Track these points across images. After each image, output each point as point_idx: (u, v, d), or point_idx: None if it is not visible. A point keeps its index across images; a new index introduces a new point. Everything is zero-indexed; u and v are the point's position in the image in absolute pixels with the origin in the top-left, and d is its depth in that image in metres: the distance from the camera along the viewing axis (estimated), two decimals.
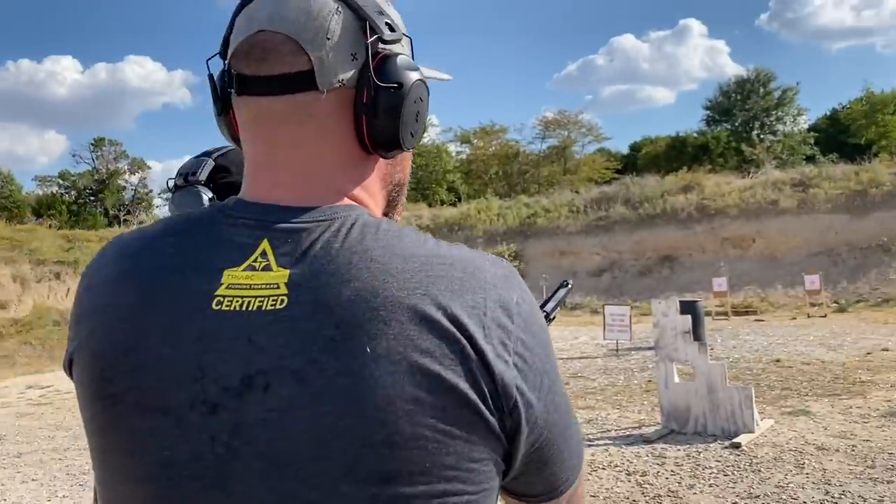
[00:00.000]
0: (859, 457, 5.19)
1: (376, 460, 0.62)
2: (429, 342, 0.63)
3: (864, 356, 10.33)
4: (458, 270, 0.68)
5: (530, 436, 0.68)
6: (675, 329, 6.45)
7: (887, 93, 41.04)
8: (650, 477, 5.06)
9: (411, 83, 0.74)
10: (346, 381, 0.62)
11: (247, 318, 0.65)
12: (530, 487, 0.75)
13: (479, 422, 0.64)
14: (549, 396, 0.70)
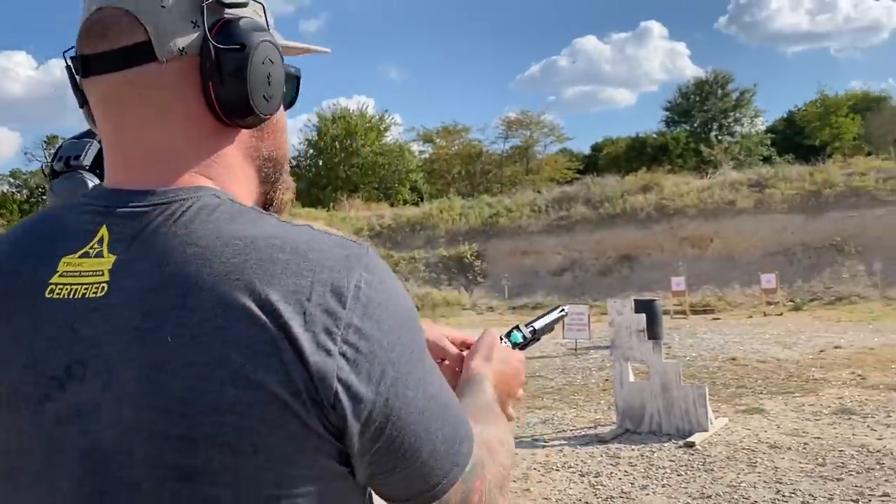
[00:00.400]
0: (810, 455, 5.18)
1: (177, 456, 0.60)
2: (236, 332, 0.60)
3: (818, 354, 10.46)
4: (286, 252, 0.63)
5: (365, 433, 0.63)
6: (629, 328, 6.39)
7: (841, 95, 42.08)
8: (603, 478, 4.98)
9: (256, 43, 0.70)
10: (149, 373, 0.60)
11: (73, 306, 0.64)
12: (396, 489, 0.70)
13: (291, 419, 0.60)
14: (393, 390, 0.64)
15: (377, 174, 40.41)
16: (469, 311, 22.78)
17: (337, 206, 31.53)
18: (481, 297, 23.91)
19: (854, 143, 36.62)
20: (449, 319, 20.90)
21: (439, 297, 23.52)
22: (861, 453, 5.12)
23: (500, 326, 5.37)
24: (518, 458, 5.67)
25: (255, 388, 0.59)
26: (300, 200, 33.72)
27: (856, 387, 7.77)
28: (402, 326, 0.66)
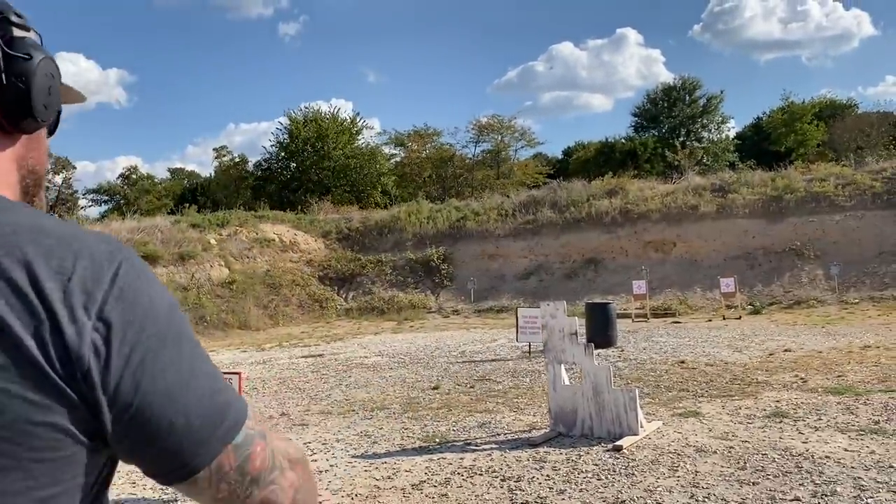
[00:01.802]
0: (734, 458, 5.15)
1: None
2: (6, 298, 0.65)
3: (767, 357, 10.51)
4: (53, 238, 0.70)
5: (115, 405, 0.69)
6: (562, 331, 6.34)
7: (806, 103, 42.66)
8: (524, 482, 4.91)
9: (41, 57, 0.80)
10: None
11: None
12: (154, 465, 0.75)
13: (45, 383, 0.65)
14: (142, 367, 0.69)
15: (349, 177, 40.17)
16: (434, 313, 22.70)
17: (306, 208, 31.27)
18: (447, 300, 23.83)
19: (818, 150, 37.13)
20: (414, 323, 20.80)
21: (405, 300, 23.41)
22: (783, 457, 5.10)
23: (463, 330, 5.30)
24: (445, 462, 5.59)
25: (14, 349, 0.64)
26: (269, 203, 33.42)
27: (795, 390, 7.79)
28: (156, 312, 0.72)
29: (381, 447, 6.25)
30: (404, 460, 5.72)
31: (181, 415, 0.72)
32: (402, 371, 10.86)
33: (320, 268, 25.37)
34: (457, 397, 8.52)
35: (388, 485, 5.09)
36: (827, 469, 4.72)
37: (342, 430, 7.03)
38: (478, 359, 12.00)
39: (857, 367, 9.07)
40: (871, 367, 9.01)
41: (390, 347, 14.25)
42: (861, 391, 7.42)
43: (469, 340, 15.06)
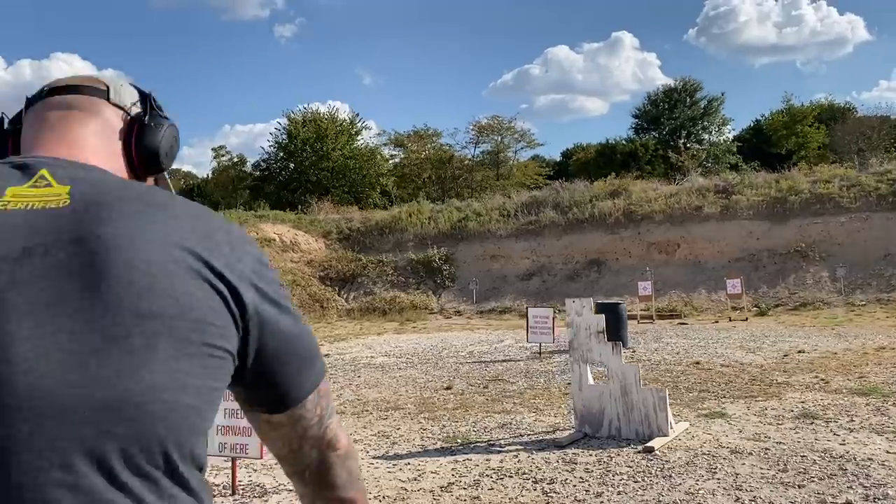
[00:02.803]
0: (772, 460, 4.99)
1: (145, 308, 0.77)
2: (190, 233, 0.86)
3: (782, 358, 10.38)
4: (205, 219, 0.92)
5: (261, 339, 0.88)
6: (588, 329, 6.18)
7: (806, 105, 42.66)
8: (557, 485, 4.74)
9: (167, 125, 1.13)
10: (121, 241, 0.79)
11: (30, 214, 0.81)
12: (270, 391, 0.93)
13: (224, 313, 0.84)
14: (278, 315, 0.91)
15: (348, 178, 39.98)
16: (437, 314, 22.52)
17: (306, 208, 31.06)
18: (449, 301, 23.66)
19: (819, 152, 37.10)
20: (416, 324, 20.62)
21: (407, 300, 23.23)
22: (823, 458, 4.95)
23: (467, 331, 5.07)
24: (471, 463, 5.42)
25: (204, 278, 0.83)
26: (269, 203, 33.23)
27: (819, 391, 7.65)
28: (276, 278, 0.94)
29: (401, 448, 6.08)
30: (428, 461, 5.54)
31: (304, 348, 0.95)
32: (411, 371, 10.68)
33: (321, 268, 25.17)
34: (472, 397, 8.36)
35: (416, 486, 4.92)
36: (873, 472, 4.57)
37: (358, 430, 6.86)
38: (487, 359, 11.83)
39: (876, 369, 8.93)
40: (890, 369, 8.88)
41: (396, 348, 14.07)
42: (887, 392, 7.28)
43: (475, 341, 14.89)
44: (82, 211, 0.82)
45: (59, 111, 1.00)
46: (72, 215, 0.81)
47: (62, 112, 1.00)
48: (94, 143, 0.99)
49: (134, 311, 0.76)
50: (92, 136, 1.00)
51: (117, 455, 0.73)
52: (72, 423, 0.71)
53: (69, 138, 0.97)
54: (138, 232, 0.81)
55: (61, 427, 0.71)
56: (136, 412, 0.74)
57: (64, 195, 0.84)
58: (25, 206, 0.82)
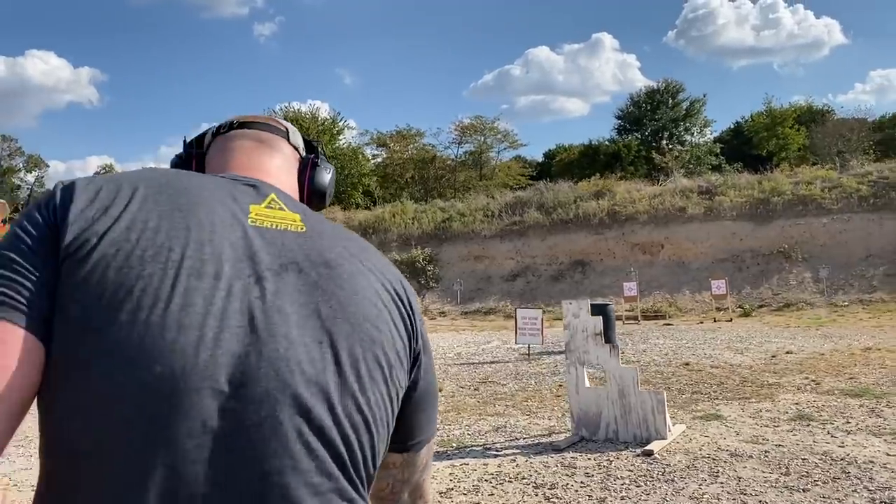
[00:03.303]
0: (773, 463, 4.95)
1: (374, 334, 0.90)
2: (390, 277, 0.97)
3: (770, 359, 10.40)
4: (385, 260, 1.02)
5: (416, 377, 0.98)
6: (586, 331, 6.12)
7: (786, 108, 43.08)
8: (559, 490, 4.66)
9: (330, 169, 1.24)
10: (354, 273, 0.92)
11: (278, 233, 0.90)
12: (409, 430, 1.00)
13: (405, 351, 0.94)
14: (429, 360, 1.03)
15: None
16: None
17: None
18: (434, 302, 23.56)
19: (799, 154, 37.45)
20: None
21: None
22: (825, 461, 4.92)
23: (452, 332, 4.93)
24: (469, 468, 5.33)
25: (405, 312, 0.96)
26: None
27: (811, 392, 7.65)
28: None
29: None
30: None
31: (436, 398, 1.05)
32: None
33: None
34: (463, 400, 8.27)
35: None
36: (876, 475, 4.54)
37: None
38: (475, 361, 11.75)
39: (865, 370, 8.97)
40: (878, 369, 8.92)
41: None
42: (879, 394, 7.29)
43: (462, 342, 14.80)
44: (317, 238, 0.93)
45: (250, 142, 1.10)
46: (311, 241, 0.92)
47: (254, 143, 1.10)
48: (282, 176, 1.09)
49: (369, 336, 0.89)
50: (278, 169, 1.09)
51: None
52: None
53: (264, 168, 1.07)
54: (362, 268, 0.94)
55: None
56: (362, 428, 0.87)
57: (299, 222, 0.94)
58: (271, 224, 0.91)
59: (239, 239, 0.86)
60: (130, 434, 0.73)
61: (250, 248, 0.86)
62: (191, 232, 0.84)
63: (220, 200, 0.89)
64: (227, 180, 0.96)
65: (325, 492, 0.81)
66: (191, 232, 0.84)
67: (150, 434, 0.74)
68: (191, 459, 0.74)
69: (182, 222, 0.84)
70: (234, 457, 0.77)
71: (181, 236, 0.83)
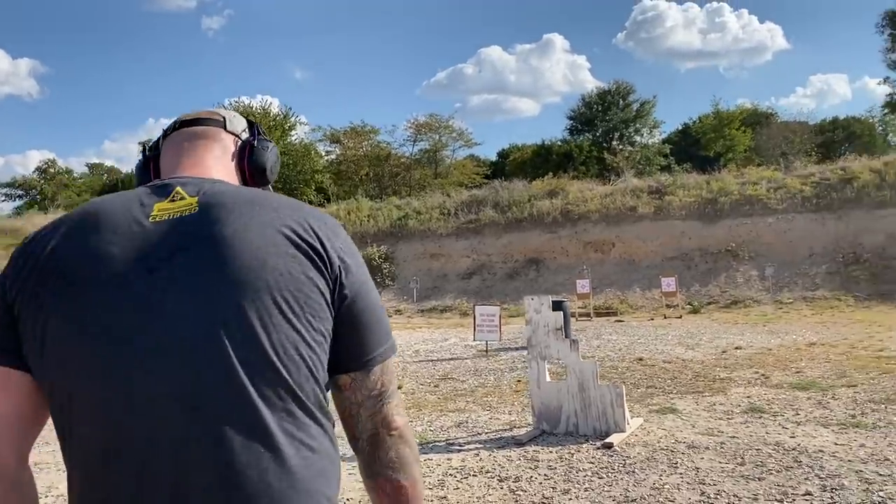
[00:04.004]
0: (729, 454, 5.12)
1: (260, 283, 1.02)
2: (290, 218, 1.09)
3: (721, 354, 10.69)
4: (309, 209, 1.15)
5: (346, 300, 1.10)
6: (547, 326, 6.21)
7: (733, 110, 44.25)
8: (523, 482, 4.73)
9: (271, 147, 1.38)
10: (237, 234, 1.04)
11: (175, 221, 1.06)
12: (348, 348, 1.10)
13: (322, 276, 1.07)
14: (361, 286, 1.12)
15: (281, 174, 39.07)
16: None
17: None
18: (390, 300, 23.51)
19: (745, 155, 38.52)
20: None
21: None
22: (778, 451, 5.10)
23: (409, 330, 4.95)
24: (433, 463, 5.36)
25: (300, 248, 1.06)
26: None
27: (761, 386, 7.90)
28: (361, 260, 1.16)
29: None
30: None
31: (377, 319, 1.13)
32: None
33: None
34: (423, 396, 8.30)
35: None
36: (826, 463, 4.73)
37: None
38: (434, 358, 11.79)
39: (811, 364, 9.30)
40: (824, 364, 9.26)
41: None
42: (825, 387, 7.58)
43: (420, 340, 14.82)
44: (211, 212, 1.07)
45: (189, 141, 1.26)
46: (203, 218, 1.06)
47: (192, 141, 1.26)
48: (217, 164, 1.25)
49: (253, 286, 1.01)
50: (215, 158, 1.26)
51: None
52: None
53: (198, 161, 1.23)
54: (250, 224, 1.06)
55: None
56: (268, 363, 1.00)
57: (194, 204, 1.08)
58: (167, 216, 1.07)
59: (138, 238, 1.04)
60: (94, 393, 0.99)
61: (148, 243, 1.04)
62: (98, 248, 1.03)
63: (125, 212, 1.07)
64: (139, 190, 1.14)
65: (279, 410, 1.00)
66: (98, 248, 1.03)
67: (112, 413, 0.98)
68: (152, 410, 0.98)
69: (92, 242, 1.04)
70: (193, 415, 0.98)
71: (90, 254, 1.03)
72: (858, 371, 8.47)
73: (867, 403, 6.62)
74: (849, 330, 12.98)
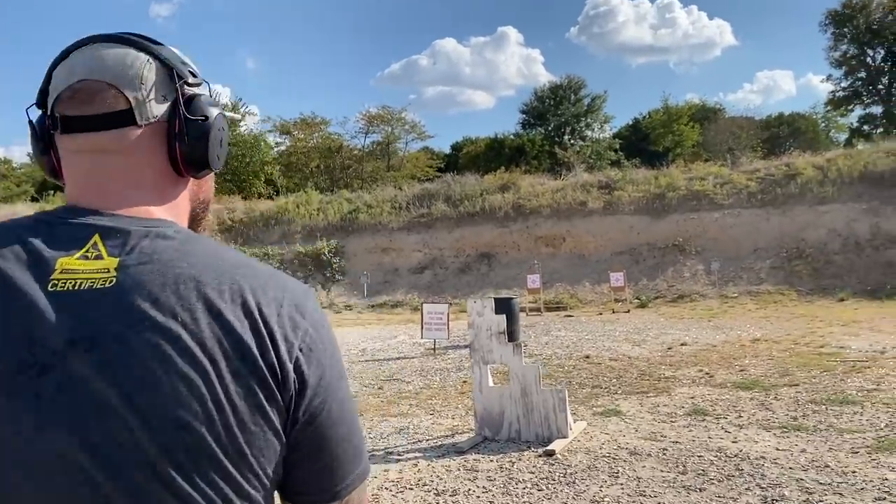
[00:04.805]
0: (671, 462, 5.02)
1: (172, 404, 0.74)
2: (234, 315, 0.78)
3: (666, 351, 10.71)
4: (264, 275, 0.85)
5: (305, 415, 0.81)
6: (490, 330, 6.04)
7: (682, 105, 44.92)
8: (460, 496, 4.55)
9: (215, 115, 0.92)
10: (158, 348, 0.75)
11: (83, 294, 0.76)
12: (306, 481, 0.85)
13: (264, 386, 0.78)
14: (329, 388, 0.84)
15: (229, 165, 38.32)
16: (326, 309, 21.86)
17: None
18: (340, 296, 23.15)
19: (693, 150, 39.13)
20: None
21: None
22: (719, 458, 5.02)
23: (359, 326, 4.64)
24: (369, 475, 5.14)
25: (245, 355, 0.78)
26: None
27: (705, 385, 7.89)
28: (335, 347, 0.87)
29: None
30: None
31: (345, 441, 0.86)
32: None
33: None
34: (366, 399, 8.07)
35: None
36: (767, 471, 4.66)
37: None
38: (381, 357, 11.56)
39: (754, 361, 9.36)
40: (767, 361, 9.32)
41: None
42: (768, 386, 7.59)
43: (368, 337, 14.57)
44: (125, 296, 0.77)
45: (93, 156, 0.87)
46: (119, 297, 0.77)
47: (98, 158, 0.87)
48: (130, 185, 0.88)
49: (169, 432, 0.74)
50: (125, 175, 0.88)
51: None
52: None
53: (105, 188, 0.87)
54: (180, 333, 0.76)
55: None
56: None
57: (112, 271, 0.79)
58: (73, 285, 0.78)
59: (29, 318, 0.75)
60: None
61: (42, 326, 0.75)
62: None
63: (20, 269, 0.78)
64: (37, 226, 0.83)
65: None
66: None
67: None
68: None
69: None
70: None
71: None
72: (800, 369, 8.54)
73: (808, 404, 6.63)
74: (791, 325, 13.18)
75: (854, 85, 40.29)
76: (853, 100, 40.56)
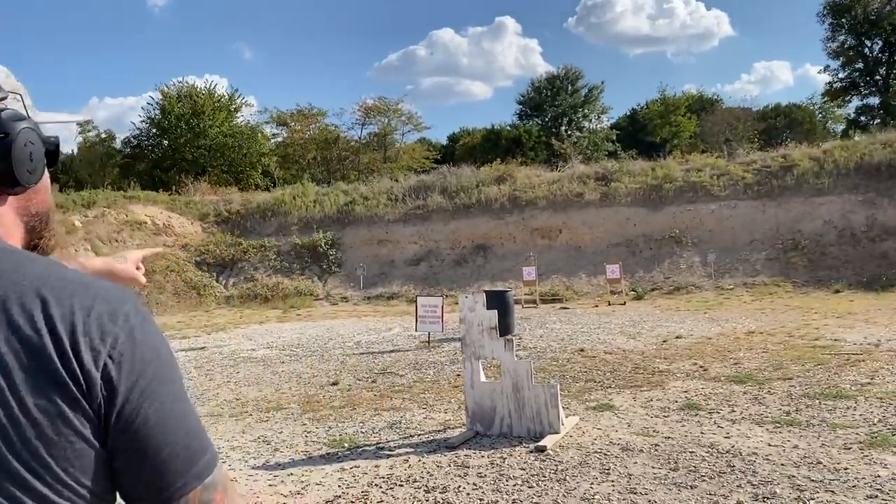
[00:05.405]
0: (662, 458, 4.99)
1: None
2: (32, 329, 0.78)
3: (661, 344, 10.68)
4: (72, 285, 0.84)
5: (119, 422, 0.81)
6: (481, 325, 6.00)
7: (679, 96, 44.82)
8: (450, 493, 4.52)
9: (18, 130, 0.89)
10: None
11: None
12: (134, 486, 0.84)
13: (67, 396, 0.78)
14: (144, 396, 0.82)
15: (226, 157, 38.21)
16: (322, 301, 21.95)
17: (181, 189, 29.35)
18: (335, 287, 23.11)
19: (690, 141, 39.06)
20: (301, 311, 19.98)
21: (291, 287, 22.48)
22: (711, 454, 5.00)
23: (354, 318, 4.58)
24: (359, 471, 5.12)
25: (44, 367, 0.78)
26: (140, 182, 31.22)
27: (699, 379, 7.87)
28: (157, 352, 0.86)
29: (283, 455, 5.68)
30: (313, 470, 5.19)
31: (169, 444, 0.84)
32: (295, 365, 10.21)
33: (197, 252, 23.93)
34: (359, 393, 8.04)
35: (299, 501, 4.57)
36: (759, 468, 4.64)
37: (236, 435, 6.39)
38: (375, 350, 11.52)
39: (749, 354, 9.34)
40: (761, 354, 9.30)
41: (279, 338, 13.50)
42: (762, 380, 7.57)
43: (363, 329, 14.54)
44: None
45: None
46: None
47: None
48: None
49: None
50: None
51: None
52: None
53: None
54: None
55: None
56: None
57: None
58: None
59: None
60: None
61: None
62: None
63: None
64: None
65: None
66: None
67: None
68: None
69: None
70: None
71: None
72: (794, 362, 8.52)
73: (802, 398, 6.61)
74: (787, 317, 13.17)
75: (851, 76, 40.19)
76: (850, 91, 40.47)
